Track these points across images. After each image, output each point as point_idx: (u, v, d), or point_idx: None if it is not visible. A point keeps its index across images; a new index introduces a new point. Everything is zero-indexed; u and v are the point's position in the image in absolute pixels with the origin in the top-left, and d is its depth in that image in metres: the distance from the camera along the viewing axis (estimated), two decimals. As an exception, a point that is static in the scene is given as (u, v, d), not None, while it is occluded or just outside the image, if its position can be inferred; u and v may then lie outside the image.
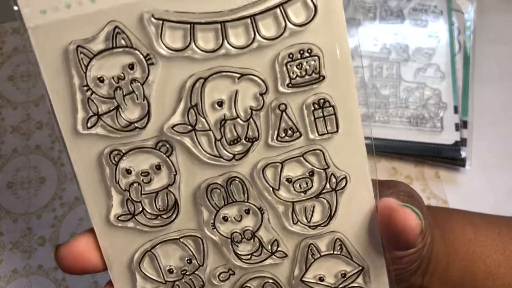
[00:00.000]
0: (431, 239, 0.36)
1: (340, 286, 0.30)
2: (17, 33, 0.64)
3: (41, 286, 0.54)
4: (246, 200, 0.29)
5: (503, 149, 0.59)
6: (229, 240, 0.29)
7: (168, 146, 0.28)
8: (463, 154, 0.56)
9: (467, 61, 0.60)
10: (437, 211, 0.44)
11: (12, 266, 0.55)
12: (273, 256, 0.30)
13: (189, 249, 0.29)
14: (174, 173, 0.28)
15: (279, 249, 0.30)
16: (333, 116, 0.28)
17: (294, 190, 0.29)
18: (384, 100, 0.58)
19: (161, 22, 0.26)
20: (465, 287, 0.40)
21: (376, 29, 0.61)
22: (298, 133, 0.28)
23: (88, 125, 0.27)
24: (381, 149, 0.57)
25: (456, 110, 0.58)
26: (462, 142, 0.57)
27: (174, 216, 0.29)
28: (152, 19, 0.26)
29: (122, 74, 0.26)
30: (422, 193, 0.57)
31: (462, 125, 0.58)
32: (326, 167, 0.28)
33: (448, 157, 0.57)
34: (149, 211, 0.28)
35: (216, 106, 0.27)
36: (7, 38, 0.64)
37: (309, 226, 0.29)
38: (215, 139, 0.27)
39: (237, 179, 0.28)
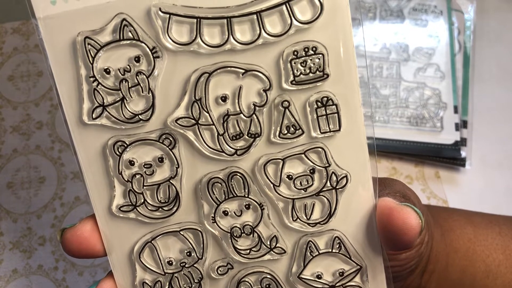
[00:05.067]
0: (429, 238, 0.37)
1: (338, 284, 0.30)
2: (17, 33, 0.64)
3: (41, 286, 0.54)
4: (246, 195, 0.29)
5: (503, 149, 0.59)
6: (229, 234, 0.29)
7: (171, 139, 0.28)
8: (463, 154, 0.57)
9: (467, 61, 0.61)
10: (437, 210, 0.44)
11: (12, 266, 0.55)
12: (271, 252, 0.30)
13: (189, 242, 0.29)
14: (177, 166, 0.28)
15: (278, 245, 0.30)
16: (336, 114, 0.28)
17: (295, 187, 0.29)
18: (384, 100, 0.58)
19: (168, 15, 0.26)
20: (465, 286, 0.40)
21: (376, 29, 0.62)
22: (300, 130, 0.28)
23: (94, 115, 0.27)
24: (381, 149, 0.57)
25: (456, 110, 0.58)
26: (462, 142, 0.57)
27: (175, 208, 0.29)
28: (160, 12, 0.26)
29: (128, 66, 0.27)
30: (422, 193, 0.57)
31: (462, 125, 0.58)
32: (327, 165, 0.29)
33: (448, 157, 0.57)
34: (150, 202, 0.29)
35: (220, 101, 0.27)
36: (7, 38, 0.64)
37: (309, 224, 0.30)
38: (218, 133, 0.28)
39: (238, 174, 0.29)
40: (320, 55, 0.27)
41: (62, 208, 0.57)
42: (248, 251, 0.30)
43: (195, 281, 0.30)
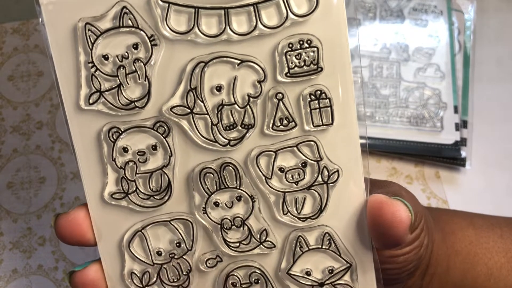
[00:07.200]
0: (429, 241, 0.36)
1: (327, 282, 0.30)
2: (17, 33, 0.64)
3: (41, 286, 0.54)
4: (238, 187, 0.29)
5: (503, 149, 0.59)
6: (219, 226, 0.29)
7: (165, 127, 0.28)
8: (463, 154, 0.56)
9: (467, 61, 0.60)
10: (438, 213, 0.43)
11: (12, 266, 0.55)
12: (261, 245, 0.30)
13: (179, 233, 0.29)
14: (170, 155, 0.28)
15: (267, 239, 0.30)
16: (329, 108, 0.28)
17: (286, 180, 0.29)
18: (384, 100, 0.58)
19: (167, 5, 0.27)
20: None
21: (376, 29, 0.62)
22: (293, 123, 0.28)
23: (90, 101, 0.28)
24: (381, 149, 0.57)
25: (456, 110, 0.58)
26: (462, 142, 0.57)
27: (166, 197, 0.29)
28: (159, 1, 0.27)
29: (126, 53, 0.27)
30: (422, 193, 0.57)
31: (462, 125, 0.58)
32: (319, 159, 0.29)
33: (448, 157, 0.57)
34: (142, 191, 0.29)
35: (215, 90, 0.28)
36: (7, 38, 0.65)
37: (299, 218, 0.30)
38: (212, 123, 0.28)
39: (230, 165, 0.29)
40: (315, 48, 0.27)
41: (62, 208, 0.57)
42: (238, 244, 0.30)
43: (184, 273, 0.30)
